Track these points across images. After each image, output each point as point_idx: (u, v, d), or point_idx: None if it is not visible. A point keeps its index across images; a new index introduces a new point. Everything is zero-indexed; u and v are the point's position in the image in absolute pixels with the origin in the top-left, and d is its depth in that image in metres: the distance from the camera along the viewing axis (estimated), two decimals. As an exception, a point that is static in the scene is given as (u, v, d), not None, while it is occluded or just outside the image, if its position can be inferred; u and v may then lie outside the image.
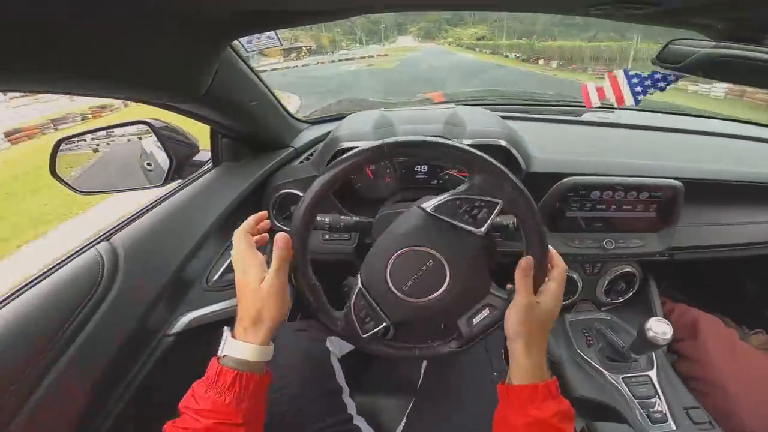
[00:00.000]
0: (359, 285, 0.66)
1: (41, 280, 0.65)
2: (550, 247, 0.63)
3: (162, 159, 1.09)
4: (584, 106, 1.33)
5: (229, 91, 0.80)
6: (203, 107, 0.79)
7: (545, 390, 0.56)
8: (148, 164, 1.13)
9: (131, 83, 0.58)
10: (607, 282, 1.14)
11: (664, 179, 0.97)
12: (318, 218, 0.73)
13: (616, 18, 0.49)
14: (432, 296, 0.63)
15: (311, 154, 1.12)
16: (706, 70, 0.52)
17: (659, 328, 0.88)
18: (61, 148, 0.89)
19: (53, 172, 0.90)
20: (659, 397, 0.95)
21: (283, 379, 0.79)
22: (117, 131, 0.98)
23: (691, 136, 1.23)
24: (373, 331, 0.65)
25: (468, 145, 0.59)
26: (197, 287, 0.89)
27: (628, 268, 1.13)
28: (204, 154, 1.07)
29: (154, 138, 1.13)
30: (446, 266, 0.62)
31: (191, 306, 0.86)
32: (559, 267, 0.63)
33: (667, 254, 1.04)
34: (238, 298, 0.59)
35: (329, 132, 1.13)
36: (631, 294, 1.17)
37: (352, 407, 0.83)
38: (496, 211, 0.59)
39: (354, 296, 0.66)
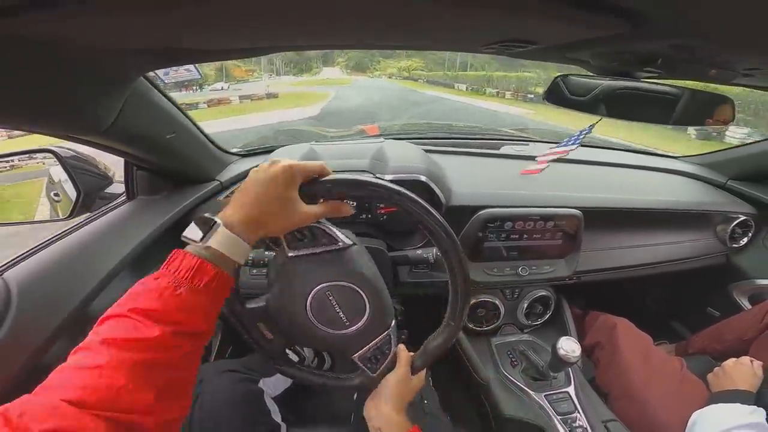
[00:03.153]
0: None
1: None
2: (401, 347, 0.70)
3: (69, 190, 1.02)
4: (502, 139, 1.46)
5: (141, 124, 0.77)
6: (108, 140, 0.75)
7: None
8: (56, 195, 1.05)
9: (24, 112, 0.54)
10: (526, 306, 1.22)
11: (566, 209, 1.07)
12: None
13: (507, 54, 0.55)
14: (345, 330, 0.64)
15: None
16: (594, 106, 0.60)
17: (568, 346, 0.95)
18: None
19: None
20: (579, 412, 1.01)
21: (215, 421, 0.76)
22: (18, 159, 0.90)
23: (594, 167, 1.38)
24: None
25: (389, 180, 0.62)
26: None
27: (543, 292, 1.22)
28: (117, 187, 1.01)
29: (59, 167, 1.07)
30: (359, 293, 0.63)
31: None
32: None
33: (575, 277, 1.15)
34: (245, 188, 0.52)
35: (258, 165, 1.13)
36: (548, 315, 1.26)
37: None
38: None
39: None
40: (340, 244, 0.62)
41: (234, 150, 1.27)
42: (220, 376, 0.86)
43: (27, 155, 0.90)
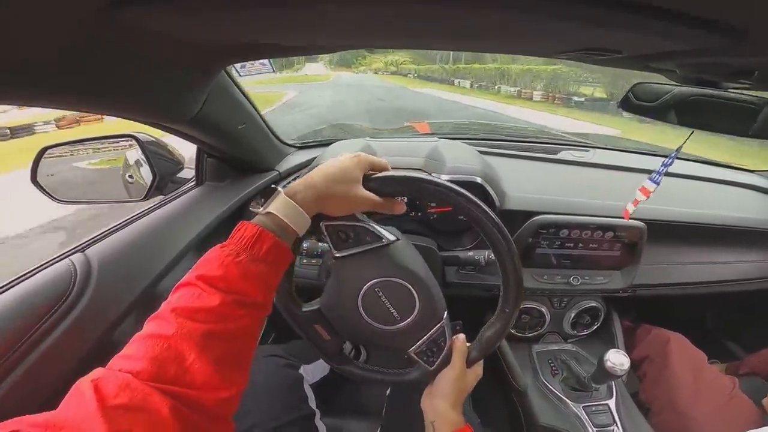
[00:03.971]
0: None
1: (9, 288, 0.64)
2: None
3: (145, 173, 1.10)
4: (560, 143, 1.42)
5: (219, 114, 0.82)
6: (192, 128, 0.81)
7: None
8: (130, 177, 1.13)
9: (120, 100, 0.59)
10: (573, 315, 1.19)
11: (628, 220, 1.03)
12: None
13: (582, 61, 0.54)
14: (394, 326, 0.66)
15: (295, 179, 1.15)
16: (666, 113, 0.58)
17: (617, 359, 0.92)
18: (44, 156, 0.89)
19: (34, 179, 0.90)
20: (617, 425, 0.98)
21: (255, 402, 0.79)
22: (103, 143, 0.98)
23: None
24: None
25: (446, 180, 0.63)
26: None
27: (593, 303, 1.18)
28: (187, 172, 1.08)
29: (139, 152, 1.15)
30: (407, 287, 0.64)
31: None
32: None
33: (630, 291, 1.10)
34: (322, 172, 0.55)
35: (314, 158, 1.17)
36: (595, 327, 1.22)
37: (323, 430, 0.85)
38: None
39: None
40: (384, 240, 0.63)
41: (290, 141, 1.32)
42: (263, 360, 0.91)
43: (111, 140, 0.98)
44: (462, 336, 0.70)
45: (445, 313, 0.67)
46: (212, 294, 0.43)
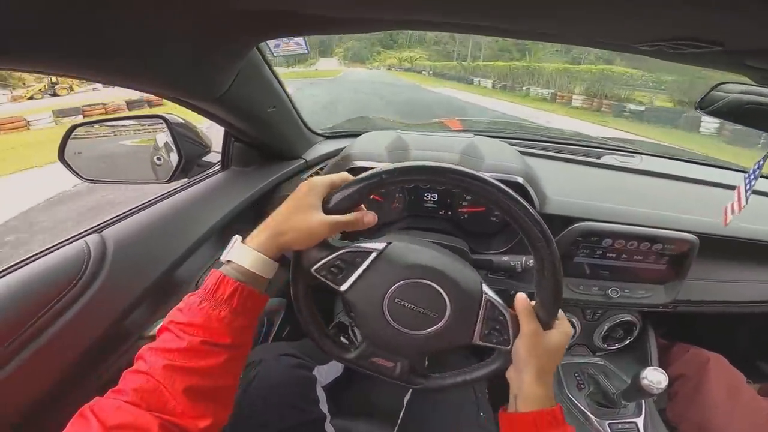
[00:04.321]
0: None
1: (21, 267, 0.63)
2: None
3: (173, 155, 1.09)
4: (603, 147, 1.33)
5: (249, 94, 0.79)
6: (220, 108, 0.78)
7: (550, 416, 0.55)
8: (158, 159, 1.12)
9: (147, 74, 0.57)
10: (606, 329, 1.13)
11: (679, 232, 0.96)
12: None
13: (666, 57, 0.47)
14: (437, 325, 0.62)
15: (321, 169, 1.11)
16: (753, 118, 0.51)
17: (655, 377, 0.87)
18: (73, 135, 0.88)
19: (61, 156, 0.89)
20: None
21: (265, 403, 0.77)
22: (132, 123, 0.97)
23: (710, 188, 1.22)
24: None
25: None
26: (184, 291, 0.87)
27: (628, 317, 1.12)
28: (214, 156, 1.06)
29: (167, 133, 1.14)
30: (422, 282, 0.61)
31: None
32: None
33: (671, 306, 1.03)
34: (276, 211, 0.57)
35: (342, 148, 1.13)
36: (627, 341, 1.16)
37: None
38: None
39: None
40: (374, 253, 0.60)
41: (319, 131, 1.28)
42: (277, 360, 0.88)
43: (141, 120, 0.97)
44: (521, 295, 0.62)
45: (483, 285, 0.62)
46: (181, 337, 0.48)
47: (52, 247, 0.67)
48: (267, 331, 1.08)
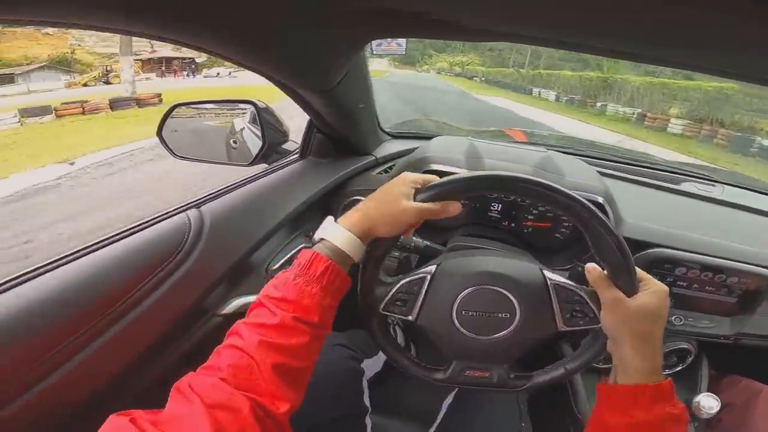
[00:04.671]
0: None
1: (128, 236, 0.68)
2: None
3: (250, 140, 1.15)
4: (682, 173, 1.27)
5: (348, 89, 0.81)
6: (322, 99, 0.81)
7: (654, 391, 0.51)
8: (234, 142, 1.19)
9: (269, 58, 0.60)
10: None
11: (758, 267, 0.91)
12: None
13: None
14: (504, 332, 0.63)
15: (390, 167, 1.13)
16: None
17: (708, 402, 0.90)
18: (172, 114, 0.95)
19: (159, 132, 0.97)
20: None
21: (314, 391, 0.80)
22: (226, 106, 1.03)
23: None
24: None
25: None
26: (256, 273, 0.91)
27: (685, 345, 1.07)
28: (290, 144, 1.11)
29: (247, 120, 1.20)
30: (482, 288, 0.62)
31: (247, 290, 0.87)
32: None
33: (733, 339, 0.99)
34: (369, 197, 0.61)
35: (412, 149, 1.14)
36: (678, 369, 1.10)
37: (369, 428, 0.83)
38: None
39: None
40: (427, 276, 0.63)
41: (387, 129, 1.31)
42: (332, 349, 0.90)
43: (233, 104, 1.03)
44: (590, 265, 0.59)
45: (544, 271, 0.62)
46: (275, 313, 0.50)
47: (155, 218, 0.72)
48: None
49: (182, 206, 0.76)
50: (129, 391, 0.68)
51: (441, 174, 0.90)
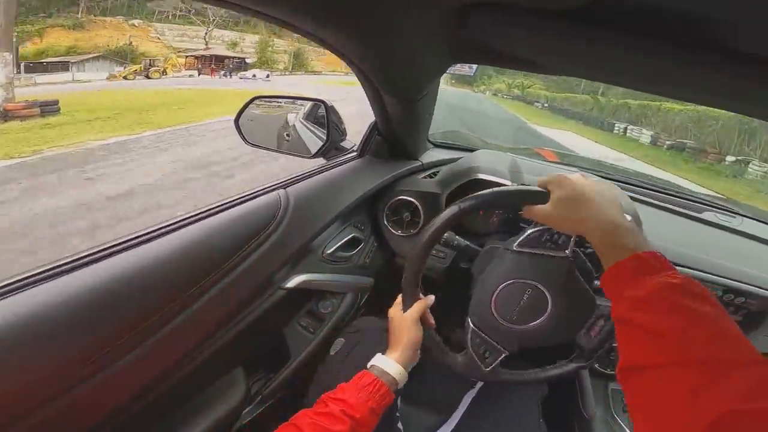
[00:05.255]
0: (472, 326, 0.77)
1: (230, 207, 0.76)
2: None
3: (305, 134, 1.25)
4: (704, 203, 1.36)
5: (427, 102, 0.90)
6: (400, 106, 0.89)
7: (635, 263, 0.51)
8: (287, 135, 1.29)
9: (384, 64, 0.68)
10: None
11: (760, 289, 0.99)
12: None
13: None
14: (537, 321, 0.73)
15: (434, 173, 1.23)
16: None
17: None
18: (253, 103, 1.06)
19: (237, 120, 1.07)
20: None
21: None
22: (300, 102, 1.14)
23: None
24: (493, 365, 0.76)
25: None
26: (315, 254, 1.01)
27: None
28: (347, 143, 1.21)
29: (301, 116, 1.31)
30: (545, 292, 0.72)
31: (306, 269, 0.97)
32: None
33: None
34: (401, 343, 0.75)
35: (455, 158, 1.25)
36: None
37: (399, 408, 0.91)
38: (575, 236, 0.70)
39: (469, 337, 0.77)
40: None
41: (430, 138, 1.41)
42: (380, 334, 0.94)
43: (306, 101, 1.14)
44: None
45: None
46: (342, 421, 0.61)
47: (251, 193, 0.82)
48: (358, 304, 1.20)
49: (273, 185, 0.86)
50: (209, 348, 0.75)
51: (485, 183, 1.00)
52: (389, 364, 0.71)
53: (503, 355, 0.75)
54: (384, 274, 1.27)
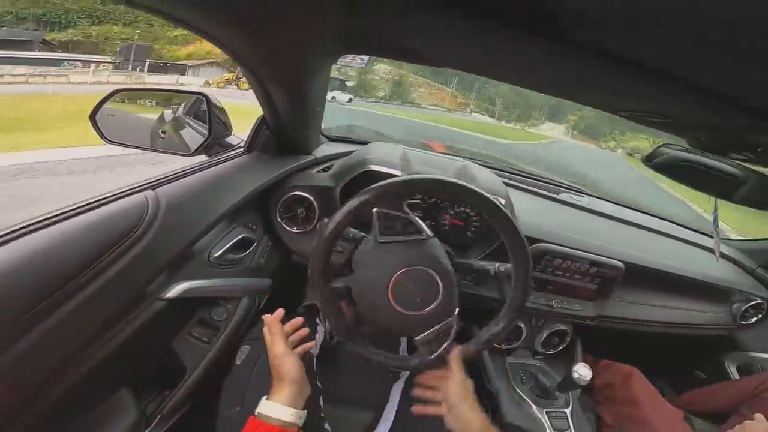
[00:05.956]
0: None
1: (86, 211, 0.67)
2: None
3: (185, 130, 1.15)
4: (560, 186, 1.60)
5: (316, 94, 0.88)
6: (288, 97, 0.85)
7: None
8: (163, 132, 1.17)
9: (267, 57, 0.65)
10: (545, 336, 1.35)
11: (612, 260, 1.21)
12: None
13: (636, 120, 0.66)
14: (421, 312, 0.77)
15: (328, 167, 1.23)
16: (679, 173, 0.72)
17: (584, 372, 1.10)
18: (113, 98, 0.92)
19: (92, 116, 0.93)
20: (570, 429, 1.16)
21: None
22: (174, 95, 1.03)
23: (639, 230, 1.52)
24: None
25: None
26: (198, 259, 0.93)
27: (563, 327, 1.35)
28: (233, 138, 1.14)
29: (182, 111, 1.20)
30: (435, 278, 0.77)
31: (189, 276, 0.89)
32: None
33: (597, 320, 1.29)
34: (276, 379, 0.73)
35: (349, 151, 1.26)
36: (560, 348, 1.39)
37: (323, 407, 0.89)
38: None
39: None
40: (424, 234, 0.76)
41: (325, 132, 1.40)
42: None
43: (182, 94, 1.03)
44: (457, 349, 0.80)
45: (457, 310, 0.79)
46: None
47: (112, 195, 0.72)
48: (257, 308, 1.15)
49: (138, 186, 0.76)
50: (80, 368, 0.67)
51: (377, 174, 1.04)
52: (280, 410, 0.69)
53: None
54: (283, 274, 1.23)
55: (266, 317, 0.77)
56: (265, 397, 0.70)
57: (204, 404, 0.85)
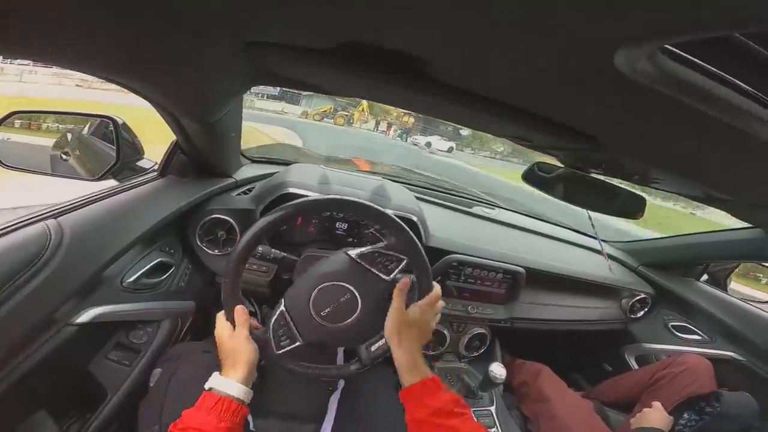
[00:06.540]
0: (282, 308, 0.80)
1: None
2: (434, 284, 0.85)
3: (89, 154, 1.11)
4: (473, 199, 1.74)
5: (227, 122, 0.90)
6: (198, 127, 0.87)
7: (433, 384, 0.73)
8: (65, 155, 1.12)
9: (166, 88, 0.66)
10: (467, 340, 1.45)
11: (514, 266, 1.34)
12: None
13: (516, 143, 0.78)
14: (344, 323, 0.81)
15: (249, 189, 1.24)
16: (553, 188, 0.83)
17: (498, 370, 1.20)
18: (6, 122, 0.87)
19: (-16, 139, 0.87)
20: (497, 427, 1.24)
21: (189, 397, 0.77)
22: (77, 118, 0.99)
23: (541, 238, 1.70)
24: (286, 349, 0.79)
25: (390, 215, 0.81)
26: (110, 284, 0.90)
27: (482, 330, 1.46)
28: (145, 162, 1.11)
29: (88, 133, 1.16)
30: (359, 301, 0.81)
31: (100, 302, 0.87)
32: (431, 295, 0.83)
33: (510, 322, 1.42)
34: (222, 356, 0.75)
35: (271, 173, 1.29)
36: (483, 350, 1.50)
37: (252, 424, 0.88)
38: (402, 265, 0.83)
39: (275, 317, 0.80)
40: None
41: (246, 154, 1.41)
42: (199, 355, 0.95)
43: (87, 117, 0.99)
44: (405, 279, 0.82)
45: (349, 251, 0.83)
46: None
47: (11, 225, 0.69)
48: (180, 329, 1.12)
49: (38, 215, 0.73)
50: None
51: (296, 196, 1.08)
52: (230, 384, 0.69)
53: (297, 344, 0.79)
54: (207, 296, 1.22)
55: (239, 307, 0.77)
56: (217, 372, 0.71)
57: (134, 425, 0.84)
